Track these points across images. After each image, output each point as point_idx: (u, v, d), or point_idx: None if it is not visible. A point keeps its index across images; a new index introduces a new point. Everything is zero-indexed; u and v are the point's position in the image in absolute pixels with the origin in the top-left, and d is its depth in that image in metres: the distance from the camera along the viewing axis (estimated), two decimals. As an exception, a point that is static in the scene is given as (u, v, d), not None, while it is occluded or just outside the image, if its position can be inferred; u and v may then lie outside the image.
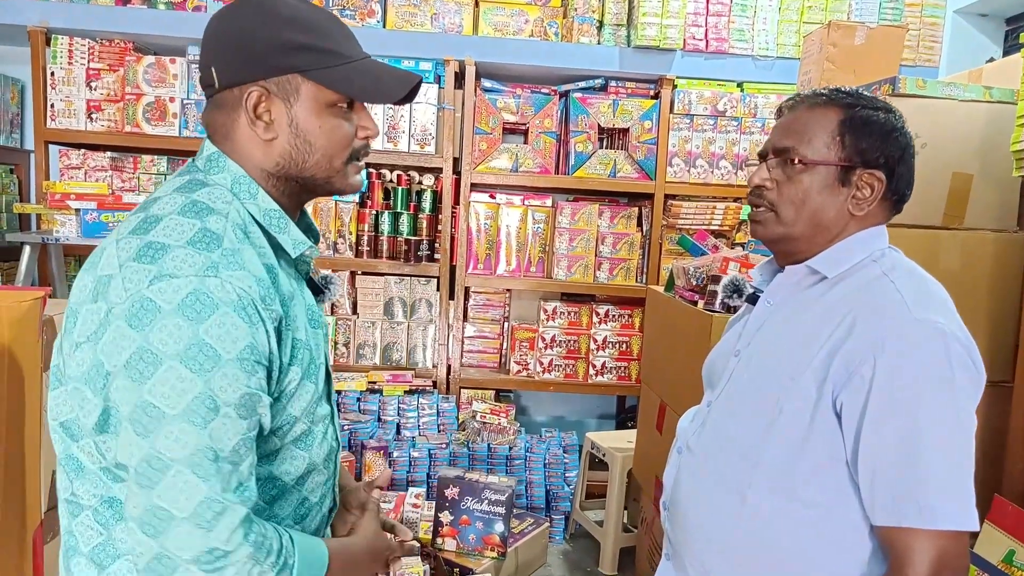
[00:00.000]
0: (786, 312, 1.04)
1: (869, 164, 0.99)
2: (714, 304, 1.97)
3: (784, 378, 0.96)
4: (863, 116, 1.00)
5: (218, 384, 0.74)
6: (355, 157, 0.91)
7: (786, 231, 1.02)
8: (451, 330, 3.34)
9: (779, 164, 1.02)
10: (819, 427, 0.93)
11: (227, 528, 0.75)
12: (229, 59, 0.84)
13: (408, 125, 3.18)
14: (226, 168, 0.86)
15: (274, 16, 0.83)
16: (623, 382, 3.36)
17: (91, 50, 3.11)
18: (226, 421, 0.75)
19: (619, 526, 2.80)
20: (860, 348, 0.90)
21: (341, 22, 0.90)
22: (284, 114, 0.85)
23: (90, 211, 2.54)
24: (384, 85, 0.88)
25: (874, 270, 0.99)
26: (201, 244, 0.78)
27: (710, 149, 3.24)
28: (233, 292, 0.76)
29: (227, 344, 0.75)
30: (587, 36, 3.19)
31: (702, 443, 1.07)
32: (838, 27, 2.40)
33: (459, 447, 3.06)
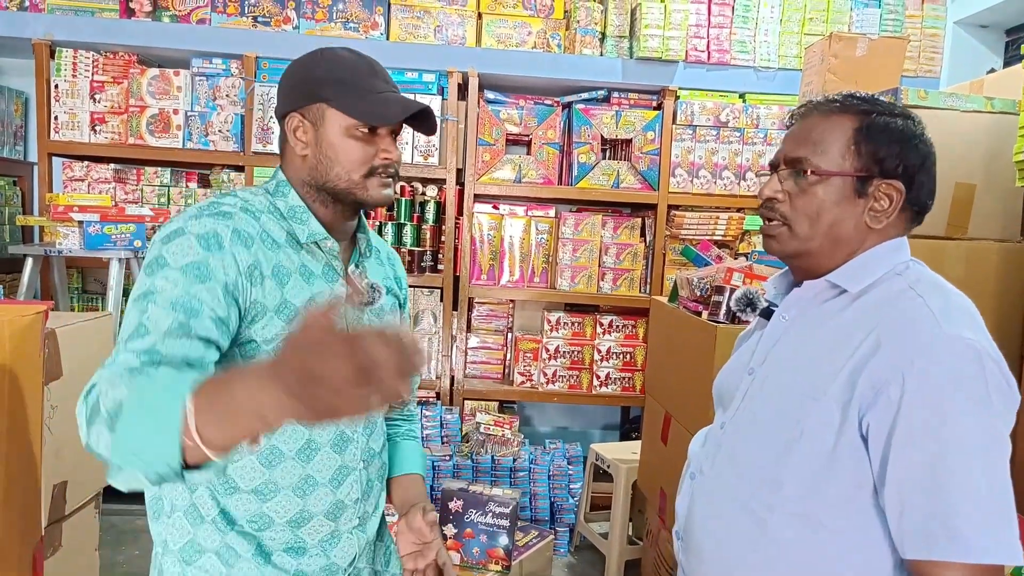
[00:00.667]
0: (803, 328, 0.99)
1: (887, 174, 0.94)
2: (718, 315, 1.96)
3: (805, 398, 0.91)
4: (880, 123, 0.94)
5: (160, 283, 0.92)
6: (373, 173, 1.06)
7: (801, 246, 0.97)
8: (454, 341, 3.33)
9: (791, 175, 0.97)
10: (844, 450, 0.87)
11: (123, 362, 0.85)
12: (283, 96, 1.08)
13: (412, 136, 3.18)
14: (276, 176, 1.11)
15: (317, 62, 1.06)
16: (627, 393, 3.34)
17: (95, 62, 3.13)
18: (161, 309, 0.90)
19: (624, 538, 2.77)
20: (888, 366, 0.84)
21: (376, 66, 1.08)
22: (313, 135, 1.06)
23: (93, 223, 2.54)
24: (383, 109, 1.04)
25: (899, 283, 0.93)
26: (206, 208, 1.00)
27: (713, 160, 3.24)
28: (200, 228, 0.96)
29: (177, 257, 0.94)
30: (590, 48, 3.20)
31: (717, 468, 1.02)
32: (839, 39, 2.41)
33: (463, 459, 3.04)
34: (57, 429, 1.69)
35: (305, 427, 1.03)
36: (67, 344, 1.74)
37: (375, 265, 1.19)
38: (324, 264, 1.08)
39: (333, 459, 1.07)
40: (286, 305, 1.01)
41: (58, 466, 1.71)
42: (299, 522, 1.05)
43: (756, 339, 1.06)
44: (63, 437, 1.72)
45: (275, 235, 1.03)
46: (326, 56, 1.07)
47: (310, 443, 1.05)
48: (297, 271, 1.03)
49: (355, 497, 1.10)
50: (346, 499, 1.09)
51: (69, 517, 1.79)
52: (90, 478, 1.88)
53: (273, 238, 1.03)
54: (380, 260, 1.21)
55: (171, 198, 3.21)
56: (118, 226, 2.55)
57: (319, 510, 1.06)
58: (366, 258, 1.17)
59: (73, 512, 1.81)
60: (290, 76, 1.08)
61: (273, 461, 1.03)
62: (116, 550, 2.78)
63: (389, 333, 0.58)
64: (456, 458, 3.04)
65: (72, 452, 1.77)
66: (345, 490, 1.09)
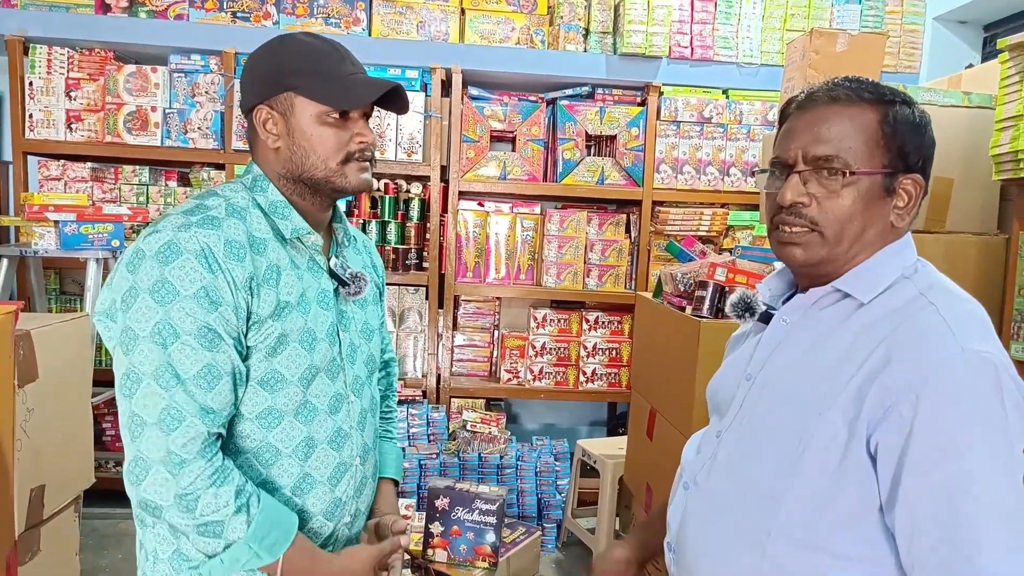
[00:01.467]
0: (805, 333, 0.92)
1: (910, 168, 0.88)
2: (702, 310, 1.96)
3: (809, 412, 0.84)
4: (902, 114, 0.87)
5: (176, 314, 0.92)
6: (350, 159, 1.05)
7: (831, 252, 0.88)
8: (441, 339, 3.32)
9: (815, 175, 0.87)
10: (851, 469, 0.81)
11: (183, 436, 0.91)
12: (248, 88, 1.05)
13: (395, 133, 3.16)
14: (251, 171, 1.08)
15: (282, 49, 1.04)
16: (613, 389, 3.35)
17: (70, 59, 3.07)
18: (185, 347, 0.92)
19: (611, 533, 2.78)
20: (900, 382, 0.78)
21: (341, 49, 1.05)
22: (285, 126, 1.04)
23: (69, 223, 2.49)
24: (351, 92, 1.03)
25: (909, 289, 0.86)
26: (190, 212, 0.98)
27: (697, 155, 3.25)
28: (198, 244, 0.94)
29: (185, 283, 0.92)
30: (573, 44, 3.20)
31: (712, 481, 0.96)
32: (820, 34, 2.42)
33: (450, 457, 3.03)
34: (34, 432, 1.66)
35: (304, 426, 1.04)
36: (43, 346, 1.71)
37: (353, 254, 1.18)
38: (308, 258, 1.07)
39: (331, 456, 1.06)
40: (280, 305, 1.00)
41: (35, 470, 1.68)
42: (299, 523, 1.03)
43: (754, 343, 0.99)
44: (40, 441, 1.68)
45: (261, 234, 1.02)
46: (288, 43, 1.04)
47: (308, 440, 1.04)
48: (286, 267, 1.03)
49: (350, 494, 1.10)
50: (343, 496, 1.09)
51: (48, 521, 1.76)
52: (69, 482, 1.85)
53: (261, 238, 1.01)
54: (357, 249, 1.21)
55: (150, 197, 3.16)
56: (95, 225, 2.51)
57: (318, 510, 1.05)
58: (345, 248, 1.16)
59: (52, 516, 1.78)
60: (253, 67, 1.06)
61: (270, 459, 1.02)
62: (99, 554, 2.74)
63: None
64: (443, 456, 3.03)
65: (50, 455, 1.73)
66: (343, 488, 1.09)
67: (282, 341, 1.00)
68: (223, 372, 0.94)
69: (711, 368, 1.89)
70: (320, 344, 1.04)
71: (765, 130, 3.17)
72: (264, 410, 1.00)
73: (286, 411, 1.01)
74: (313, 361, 1.03)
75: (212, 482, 0.92)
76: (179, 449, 0.90)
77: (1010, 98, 1.70)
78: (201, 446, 0.92)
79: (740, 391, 0.97)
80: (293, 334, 1.01)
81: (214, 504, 0.92)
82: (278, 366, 1.00)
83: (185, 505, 0.91)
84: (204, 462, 0.92)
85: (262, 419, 1.00)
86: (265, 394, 1.00)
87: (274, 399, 1.00)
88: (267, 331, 0.98)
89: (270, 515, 0.96)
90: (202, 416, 0.92)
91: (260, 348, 0.98)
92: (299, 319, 1.01)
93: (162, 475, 0.90)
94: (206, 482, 0.91)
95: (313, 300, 1.05)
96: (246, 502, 0.94)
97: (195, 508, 0.91)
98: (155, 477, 0.91)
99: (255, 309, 0.97)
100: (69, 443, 1.85)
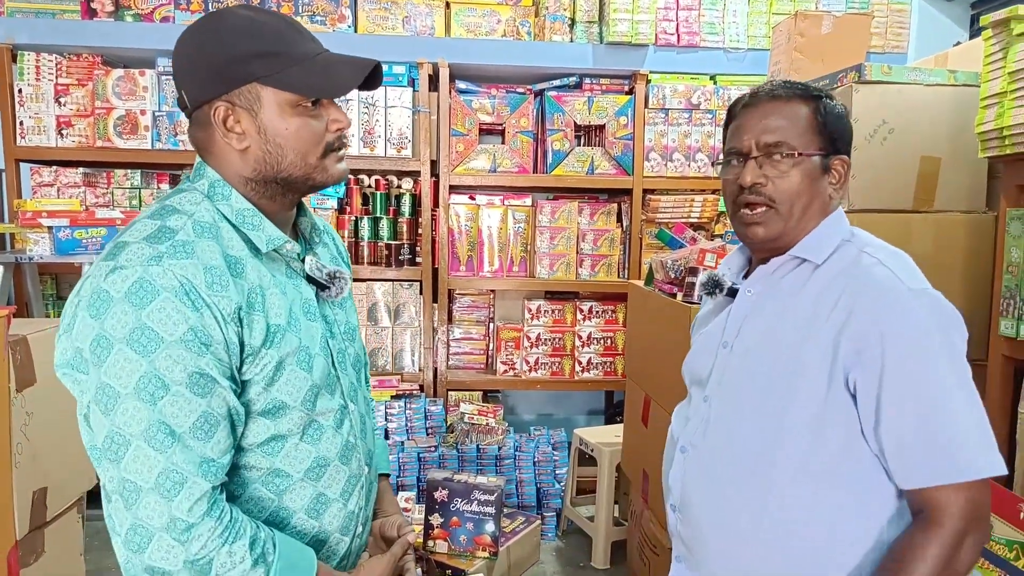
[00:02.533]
0: (772, 300, 1.06)
1: (839, 150, 1.06)
2: (692, 296, 1.98)
3: (789, 367, 0.99)
4: (829, 106, 1.06)
5: (163, 364, 0.81)
6: (330, 150, 0.95)
7: (786, 225, 1.04)
8: (436, 333, 3.34)
9: (768, 160, 1.04)
10: (834, 408, 0.96)
11: (187, 499, 0.82)
12: (194, 80, 0.90)
13: (384, 129, 3.17)
14: (205, 175, 0.93)
15: (227, 31, 0.88)
16: (609, 377, 3.37)
17: (59, 65, 3.08)
18: (177, 399, 0.82)
19: (610, 520, 2.81)
20: (865, 326, 0.94)
21: (293, 23, 0.93)
22: (252, 123, 0.90)
23: (63, 228, 2.51)
24: (335, 77, 0.91)
25: (851, 249, 1.03)
26: (154, 239, 0.84)
27: (686, 143, 3.26)
28: (175, 279, 0.82)
29: (168, 327, 0.81)
30: (560, 34, 3.20)
31: (709, 442, 1.07)
32: (805, 17, 2.42)
33: (448, 449, 3.06)
34: (34, 435, 1.68)
35: (313, 447, 0.97)
36: (40, 350, 1.72)
37: (323, 250, 1.09)
38: (285, 267, 0.97)
39: (342, 471, 1.01)
40: (272, 331, 0.90)
41: (36, 472, 1.70)
42: (315, 546, 0.98)
43: (724, 316, 1.12)
44: (40, 443, 1.70)
45: (236, 252, 0.90)
46: (234, 23, 0.88)
47: (319, 460, 0.97)
48: (269, 285, 0.92)
49: (361, 504, 1.06)
50: (355, 508, 1.05)
51: (51, 523, 1.78)
52: (71, 483, 1.87)
53: (236, 257, 0.90)
54: (325, 242, 1.11)
55: (143, 200, 3.17)
56: (89, 230, 2.53)
57: (334, 527, 1.01)
58: (316, 245, 1.06)
59: (55, 518, 1.80)
60: (197, 57, 0.89)
61: (281, 485, 0.95)
62: (105, 554, 2.77)
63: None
64: (441, 449, 3.06)
65: (51, 457, 1.75)
66: (355, 500, 1.04)
67: (280, 368, 0.90)
68: (220, 417, 0.85)
69: (702, 353, 1.92)
70: (317, 360, 0.96)
71: (754, 115, 3.18)
72: (268, 438, 0.93)
73: (290, 435, 0.94)
74: (314, 380, 0.95)
75: (224, 540, 0.84)
76: (185, 514, 0.82)
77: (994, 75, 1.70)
78: (208, 505, 0.83)
79: (719, 359, 1.10)
80: (290, 357, 0.91)
81: (229, 562, 0.84)
82: (278, 394, 0.91)
83: (198, 569, 0.83)
84: (213, 522, 0.83)
85: (265, 446, 0.93)
86: (268, 423, 0.92)
87: (277, 426, 0.92)
88: (263, 361, 0.89)
89: (288, 559, 0.90)
90: (204, 472, 0.83)
91: (258, 380, 0.89)
92: (293, 339, 0.92)
93: (167, 542, 0.82)
94: (217, 542, 0.84)
95: (300, 314, 0.95)
96: (262, 552, 0.87)
97: (209, 571, 0.83)
98: (160, 544, 0.82)
99: (247, 340, 0.87)
100: (69, 446, 1.87)
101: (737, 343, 1.07)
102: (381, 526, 1.16)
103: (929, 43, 3.27)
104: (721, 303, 1.16)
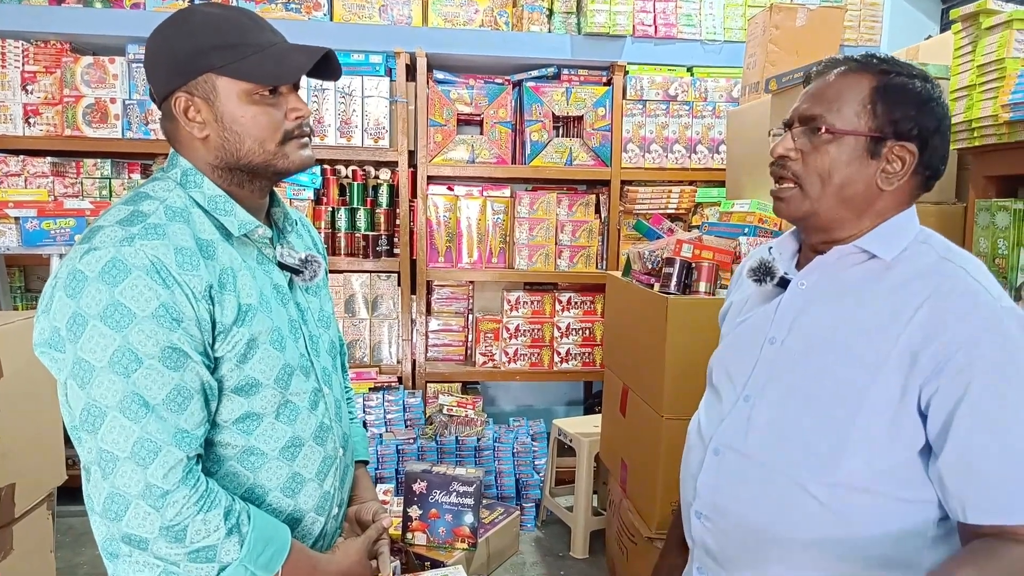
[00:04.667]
0: (831, 295, 0.97)
1: (901, 136, 0.93)
2: (669, 286, 1.99)
3: (859, 372, 0.90)
4: (898, 84, 0.93)
5: (136, 338, 0.85)
6: (290, 137, 0.98)
7: (812, 207, 0.95)
8: (415, 325, 3.32)
9: (805, 133, 0.96)
10: (903, 421, 0.88)
11: (162, 467, 0.86)
12: (158, 74, 0.95)
13: (361, 119, 3.14)
14: (177, 164, 0.98)
15: (186, 26, 0.94)
16: (588, 368, 3.39)
17: (25, 52, 3.00)
18: (150, 372, 0.86)
19: (589, 510, 2.83)
20: (953, 340, 0.85)
21: (252, 15, 0.97)
22: (210, 112, 0.95)
23: (30, 219, 2.45)
24: (287, 64, 0.94)
25: (929, 253, 0.93)
26: (127, 222, 0.89)
27: (663, 134, 3.27)
28: (146, 258, 0.86)
29: (141, 303, 0.85)
30: (537, 25, 3.19)
31: (754, 443, 0.98)
32: (780, 10, 2.44)
33: (427, 441, 3.05)
34: (2, 431, 1.64)
35: (288, 427, 1.00)
36: (8, 345, 1.69)
37: (296, 239, 1.12)
38: (256, 252, 1.01)
39: (317, 452, 1.04)
40: (243, 310, 0.94)
41: (4, 469, 1.67)
42: (291, 524, 1.01)
43: (772, 309, 1.02)
44: (8, 439, 1.67)
45: (208, 235, 0.94)
46: (193, 18, 0.94)
47: (294, 440, 1.00)
48: (240, 267, 0.96)
49: (336, 486, 1.09)
50: (331, 489, 1.07)
51: (19, 520, 1.75)
52: (40, 480, 1.84)
53: (208, 240, 0.94)
54: (299, 232, 1.14)
55: (113, 190, 3.11)
56: (57, 221, 2.47)
57: (309, 507, 1.04)
58: (288, 233, 1.09)
59: (24, 515, 1.77)
60: (159, 50, 0.95)
61: (256, 463, 0.98)
62: (76, 551, 2.73)
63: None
64: (420, 441, 3.05)
65: (19, 454, 1.72)
66: (330, 481, 1.07)
67: (252, 346, 0.94)
68: (193, 391, 0.89)
69: (679, 343, 1.94)
70: (288, 342, 1.00)
71: (730, 107, 3.20)
72: (242, 415, 0.96)
73: (265, 413, 0.97)
74: (286, 360, 0.98)
75: (199, 508, 0.88)
76: (160, 481, 0.85)
77: (963, 68, 1.73)
78: (183, 474, 0.87)
79: (765, 354, 1.00)
80: (262, 336, 0.95)
81: (204, 530, 0.88)
82: (251, 371, 0.95)
83: (174, 536, 0.86)
84: (188, 490, 0.87)
85: (240, 423, 0.96)
86: (242, 400, 0.95)
87: (251, 403, 0.96)
88: (234, 339, 0.93)
89: (263, 531, 0.93)
90: (178, 441, 0.87)
91: (230, 357, 0.93)
92: (264, 320, 0.96)
93: (144, 509, 0.85)
94: (192, 510, 0.87)
95: (272, 297, 0.99)
96: (236, 522, 0.91)
97: (184, 537, 0.87)
98: (136, 511, 0.85)
99: (219, 318, 0.91)
100: (38, 441, 1.84)
101: (790, 339, 0.98)
102: (357, 512, 1.18)
103: (902, 36, 3.31)
104: (765, 292, 1.05)
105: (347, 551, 1.07)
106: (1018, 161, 1.65)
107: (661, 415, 1.98)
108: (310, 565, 1.00)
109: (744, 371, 1.02)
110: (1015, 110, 1.56)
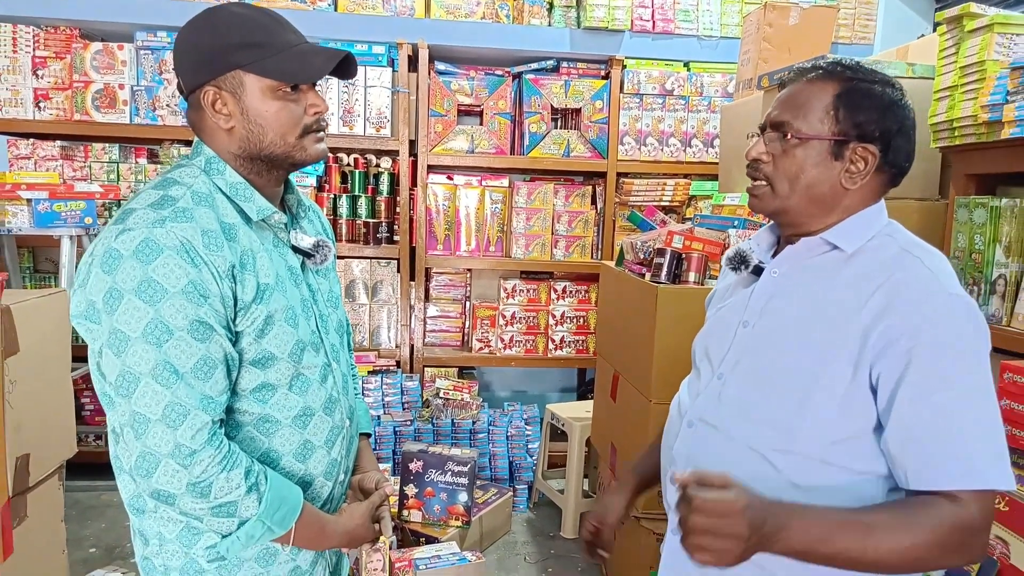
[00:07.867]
0: (799, 282, 1.05)
1: (864, 138, 0.99)
2: (660, 276, 2.07)
3: (816, 351, 0.97)
4: (860, 89, 1.00)
5: (167, 312, 0.92)
6: (308, 131, 1.06)
7: (782, 204, 1.03)
8: (413, 310, 3.40)
9: (775, 138, 1.03)
10: (855, 399, 0.95)
11: (191, 428, 0.94)
12: (187, 68, 1.02)
13: (363, 109, 3.20)
14: (202, 152, 1.05)
15: (217, 24, 1.01)
16: (581, 355, 3.47)
17: (36, 37, 3.06)
18: (180, 343, 0.93)
19: (579, 493, 2.91)
20: (900, 324, 0.92)
21: (279, 18, 1.04)
22: (236, 105, 1.02)
23: (42, 201, 2.52)
24: (309, 65, 1.02)
25: (891, 245, 1.00)
26: (157, 205, 0.96)
27: (659, 127, 3.34)
28: (176, 239, 0.93)
29: (171, 280, 0.92)
30: (538, 18, 3.24)
31: (722, 416, 1.06)
32: (773, 8, 2.50)
33: (423, 423, 3.14)
34: (17, 403, 1.72)
35: (300, 397, 1.09)
36: (23, 320, 1.76)
37: (307, 224, 1.20)
38: (272, 236, 1.08)
39: (326, 421, 1.12)
40: (261, 289, 1.01)
41: (19, 439, 1.75)
42: (302, 487, 1.09)
43: (747, 295, 1.10)
44: (23, 411, 1.75)
45: (230, 219, 1.02)
46: (223, 16, 1.01)
47: (305, 409, 1.08)
48: (258, 249, 1.03)
49: (343, 454, 1.17)
50: (338, 456, 1.15)
51: (33, 489, 1.83)
52: (52, 451, 1.92)
53: (230, 223, 1.01)
54: (310, 218, 1.22)
55: (120, 174, 3.18)
56: (67, 203, 2.54)
57: (318, 472, 1.12)
58: (301, 219, 1.17)
59: (37, 484, 1.85)
60: (190, 46, 1.02)
61: (271, 429, 1.06)
62: (82, 524, 2.82)
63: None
64: (417, 423, 3.13)
65: (33, 425, 1.80)
66: (337, 449, 1.15)
67: (268, 322, 1.01)
68: (217, 361, 0.96)
69: (669, 331, 2.01)
70: (301, 320, 1.07)
71: (725, 102, 3.26)
72: (258, 385, 1.03)
73: (279, 384, 1.05)
74: (299, 336, 1.06)
75: (223, 467, 0.95)
76: (188, 441, 0.93)
77: (947, 69, 1.78)
78: (208, 435, 0.95)
79: (738, 336, 1.08)
80: (278, 314, 1.03)
81: (227, 487, 0.96)
82: (267, 346, 1.02)
83: (200, 491, 0.94)
84: (213, 450, 0.95)
85: (257, 393, 1.04)
86: (258, 371, 1.03)
87: (267, 375, 1.03)
88: (253, 315, 1.00)
89: (278, 491, 1.01)
90: (204, 406, 0.95)
91: (249, 332, 1.00)
92: (280, 298, 1.03)
93: (172, 467, 0.93)
94: (217, 468, 0.95)
95: (286, 278, 1.07)
96: (255, 481, 0.99)
97: (209, 493, 0.95)
98: (166, 469, 0.93)
99: (240, 296, 0.99)
100: (51, 414, 1.92)
101: (759, 323, 1.06)
102: (360, 480, 1.26)
103: (895, 36, 3.36)
104: (743, 280, 1.14)
105: (352, 514, 1.16)
106: (996, 160, 1.70)
107: (649, 400, 2.05)
108: (319, 524, 1.09)
109: (720, 351, 1.10)
110: (994, 111, 1.61)
